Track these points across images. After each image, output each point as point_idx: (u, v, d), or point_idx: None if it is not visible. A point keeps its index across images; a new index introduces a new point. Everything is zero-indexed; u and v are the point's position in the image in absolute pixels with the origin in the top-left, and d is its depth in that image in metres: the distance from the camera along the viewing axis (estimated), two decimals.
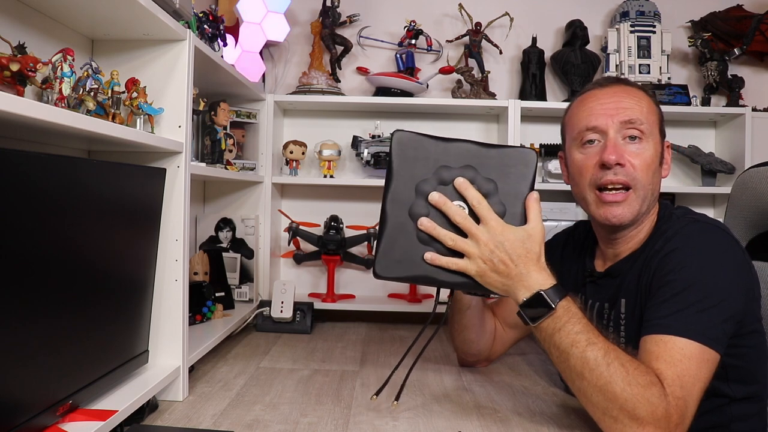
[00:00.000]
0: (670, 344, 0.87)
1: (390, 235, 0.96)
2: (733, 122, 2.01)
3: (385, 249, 0.96)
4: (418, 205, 0.95)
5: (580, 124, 1.06)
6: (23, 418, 0.74)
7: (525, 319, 0.92)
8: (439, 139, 0.97)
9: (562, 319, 0.89)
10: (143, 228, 1.04)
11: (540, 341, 0.93)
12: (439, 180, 0.95)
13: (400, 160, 0.97)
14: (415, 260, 0.95)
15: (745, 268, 0.97)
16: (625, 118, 1.02)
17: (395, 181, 0.96)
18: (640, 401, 0.82)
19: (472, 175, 0.95)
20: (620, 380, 0.83)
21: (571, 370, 0.88)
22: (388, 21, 2.14)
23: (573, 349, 0.87)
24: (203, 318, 1.54)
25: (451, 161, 0.96)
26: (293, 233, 1.92)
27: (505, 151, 0.97)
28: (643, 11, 2.01)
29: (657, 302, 0.93)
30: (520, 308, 0.92)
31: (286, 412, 1.07)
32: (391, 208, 0.96)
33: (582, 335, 0.87)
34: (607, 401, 0.84)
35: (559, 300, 0.90)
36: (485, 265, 0.90)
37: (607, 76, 1.14)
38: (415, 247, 0.95)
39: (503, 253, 0.90)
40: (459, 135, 2.00)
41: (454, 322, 1.29)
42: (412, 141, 0.97)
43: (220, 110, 1.46)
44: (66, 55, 0.84)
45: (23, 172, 0.70)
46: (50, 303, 0.78)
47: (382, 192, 0.97)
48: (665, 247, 0.98)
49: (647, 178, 1.02)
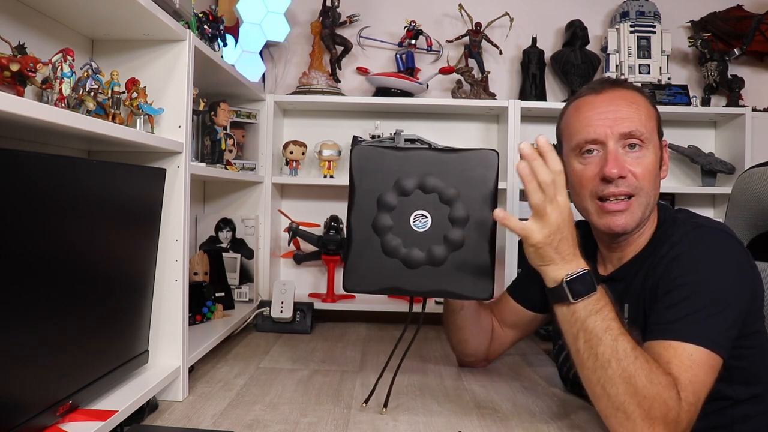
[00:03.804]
0: (680, 350, 0.87)
1: (356, 250, 0.99)
2: (733, 122, 2.01)
3: (352, 263, 0.98)
4: (381, 218, 0.97)
5: (578, 135, 1.04)
6: (23, 418, 0.74)
7: (566, 294, 0.89)
8: (398, 150, 1.00)
9: (600, 303, 0.89)
10: (143, 228, 1.04)
11: (565, 323, 0.91)
12: (400, 191, 0.98)
13: (360, 174, 0.99)
14: (382, 272, 0.98)
15: (749, 270, 0.97)
16: (624, 129, 1.00)
17: (357, 197, 0.99)
18: (658, 401, 0.82)
19: (433, 183, 0.96)
20: (644, 376, 0.83)
21: (598, 357, 0.86)
22: (388, 21, 2.14)
23: (606, 336, 0.86)
24: (203, 318, 1.54)
25: (412, 170, 0.98)
26: (293, 233, 1.92)
27: (465, 154, 0.98)
28: (643, 11, 2.01)
29: (664, 306, 0.93)
30: (562, 284, 0.89)
31: (286, 412, 1.07)
32: (355, 223, 0.99)
33: (615, 323, 0.87)
34: (626, 394, 0.84)
35: (598, 283, 0.90)
36: (550, 237, 0.89)
37: (601, 80, 1.13)
38: (381, 260, 0.98)
39: (568, 231, 0.90)
40: (459, 135, 2.06)
41: (448, 323, 1.29)
42: (370, 154, 0.99)
43: (220, 110, 1.46)
44: (66, 55, 0.84)
45: (23, 172, 0.70)
46: (50, 303, 0.78)
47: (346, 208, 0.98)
48: (671, 252, 0.98)
49: (649, 185, 1.01)
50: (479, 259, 0.99)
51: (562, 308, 0.91)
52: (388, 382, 1.07)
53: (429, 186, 0.97)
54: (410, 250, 0.97)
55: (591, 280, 0.89)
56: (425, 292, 0.99)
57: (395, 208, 0.98)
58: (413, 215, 0.98)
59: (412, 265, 0.97)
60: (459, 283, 0.97)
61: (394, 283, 0.98)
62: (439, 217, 0.98)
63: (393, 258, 0.97)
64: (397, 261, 0.97)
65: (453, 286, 0.98)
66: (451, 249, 0.98)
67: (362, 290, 0.99)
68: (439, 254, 0.98)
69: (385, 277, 0.98)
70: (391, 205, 0.97)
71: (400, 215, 0.98)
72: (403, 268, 0.98)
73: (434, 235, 0.98)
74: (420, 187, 0.97)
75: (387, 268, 0.97)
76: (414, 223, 0.97)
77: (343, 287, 1.00)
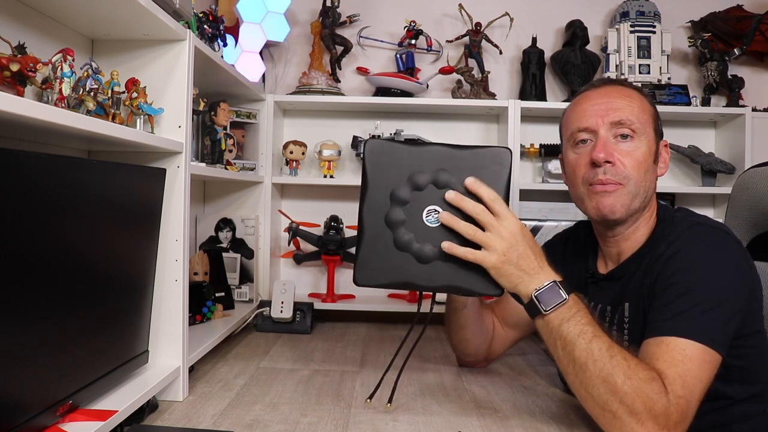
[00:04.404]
0: (672, 345, 0.87)
1: (368, 244, 0.98)
2: (733, 122, 2.01)
3: (363, 257, 0.98)
4: (394, 212, 0.97)
5: (572, 125, 1.08)
6: (23, 418, 0.74)
7: (538, 307, 0.92)
8: (411, 145, 0.99)
9: (572, 310, 0.91)
10: (143, 228, 1.04)
11: (544, 334, 0.94)
12: (413, 186, 0.97)
13: (373, 169, 0.99)
14: (393, 267, 0.97)
15: (747, 269, 0.97)
16: (615, 118, 1.03)
17: (370, 190, 0.99)
18: (639, 395, 0.83)
19: (446, 178, 0.97)
20: (621, 373, 0.84)
21: (575, 361, 0.88)
22: (388, 21, 2.14)
23: (580, 340, 0.88)
24: (203, 318, 1.54)
25: (424, 166, 0.98)
26: (293, 233, 1.92)
27: (478, 151, 0.98)
28: (643, 11, 2.01)
29: (660, 305, 0.94)
30: (532, 297, 0.92)
31: (286, 412, 1.07)
32: (367, 217, 0.98)
33: (589, 327, 0.89)
34: (607, 393, 0.85)
35: (569, 293, 0.92)
36: (504, 257, 0.92)
37: (602, 78, 1.15)
38: (393, 254, 0.97)
39: (523, 247, 0.92)
40: (459, 135, 2.06)
41: (450, 321, 1.29)
42: (384, 149, 0.99)
43: (220, 110, 1.46)
44: (66, 55, 0.84)
45: (23, 172, 0.70)
46: (50, 303, 0.78)
47: (359, 201, 0.98)
48: (669, 250, 0.98)
49: (639, 175, 1.02)
50: None
51: (539, 321, 0.94)
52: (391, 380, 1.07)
53: (442, 181, 0.96)
54: (422, 245, 0.97)
55: (559, 291, 0.92)
56: (437, 287, 0.98)
57: (408, 203, 0.97)
58: (426, 210, 0.98)
59: (423, 260, 0.97)
60: (470, 279, 0.97)
61: (405, 277, 0.98)
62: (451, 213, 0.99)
63: (405, 252, 0.97)
64: (408, 255, 0.97)
65: (464, 281, 0.98)
66: (463, 244, 0.98)
67: (373, 284, 0.99)
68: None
69: (396, 272, 0.97)
70: (404, 200, 0.97)
71: (413, 210, 0.98)
72: (414, 262, 0.97)
73: (446, 231, 0.98)
74: (433, 182, 0.97)
75: (398, 262, 0.97)
76: (426, 218, 0.97)
77: (354, 281, 0.99)
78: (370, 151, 0.99)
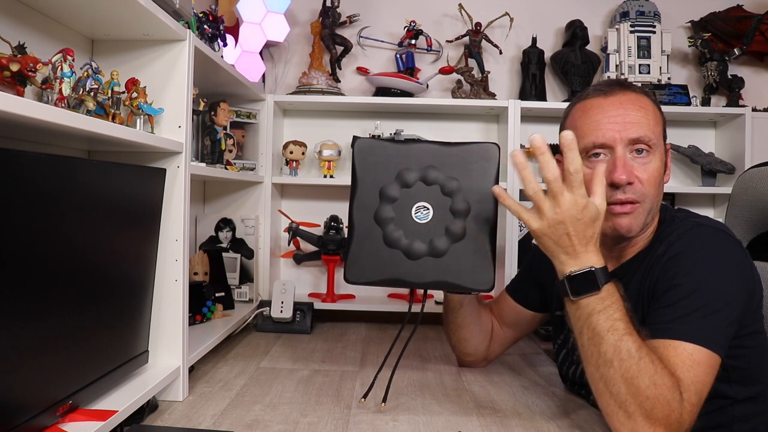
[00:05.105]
0: (680, 349, 0.87)
1: (358, 241, 0.99)
2: (733, 122, 2.01)
3: (354, 255, 0.99)
4: (383, 209, 0.97)
5: (586, 138, 1.02)
6: (23, 418, 0.74)
7: (567, 290, 0.90)
8: (400, 143, 1.01)
9: (605, 302, 0.88)
10: (143, 228, 1.04)
11: (572, 317, 0.92)
12: (402, 183, 0.98)
13: (362, 167, 1.00)
14: (383, 263, 0.98)
15: (747, 269, 0.97)
16: (633, 135, 0.99)
17: (359, 189, 1.00)
18: (661, 402, 0.82)
19: (435, 175, 0.97)
20: (647, 377, 0.83)
21: (600, 355, 0.87)
22: (388, 21, 2.14)
23: (609, 335, 0.86)
24: (203, 318, 1.54)
25: (413, 163, 0.99)
26: (293, 233, 1.92)
27: (466, 147, 0.99)
28: (643, 11, 2.01)
29: (662, 306, 0.93)
30: (564, 279, 0.90)
31: (286, 412, 1.07)
32: (357, 214, 1.00)
33: (621, 323, 0.87)
34: (628, 394, 0.84)
35: (606, 282, 0.89)
36: (548, 229, 0.89)
37: (608, 81, 1.12)
38: (383, 251, 0.98)
39: (573, 228, 0.88)
40: (459, 135, 2.06)
41: (447, 321, 1.29)
42: (372, 147, 1.00)
43: (220, 110, 1.46)
44: (66, 55, 0.84)
45: (23, 172, 0.70)
46: (50, 303, 0.78)
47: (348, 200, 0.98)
48: (669, 251, 0.98)
49: (654, 192, 1.01)
50: (480, 250, 0.99)
51: (568, 302, 0.92)
52: (386, 379, 1.07)
53: (431, 178, 0.97)
54: (412, 242, 0.97)
55: (595, 279, 0.89)
56: (426, 283, 0.99)
57: (397, 200, 0.98)
58: (415, 207, 0.98)
59: (413, 257, 0.97)
60: (460, 275, 0.98)
61: (395, 274, 0.98)
62: (440, 209, 0.99)
63: (394, 249, 0.98)
64: (398, 252, 0.98)
65: (454, 277, 0.98)
66: (452, 241, 0.98)
67: (363, 282, 0.99)
68: (441, 246, 0.99)
69: (386, 268, 0.98)
70: (393, 197, 0.98)
71: (402, 207, 0.98)
72: (404, 259, 0.98)
73: (436, 227, 0.98)
74: (422, 179, 0.98)
75: (388, 259, 0.98)
76: (416, 215, 0.98)
77: (345, 279, 1.00)
78: (359, 150, 1.00)
